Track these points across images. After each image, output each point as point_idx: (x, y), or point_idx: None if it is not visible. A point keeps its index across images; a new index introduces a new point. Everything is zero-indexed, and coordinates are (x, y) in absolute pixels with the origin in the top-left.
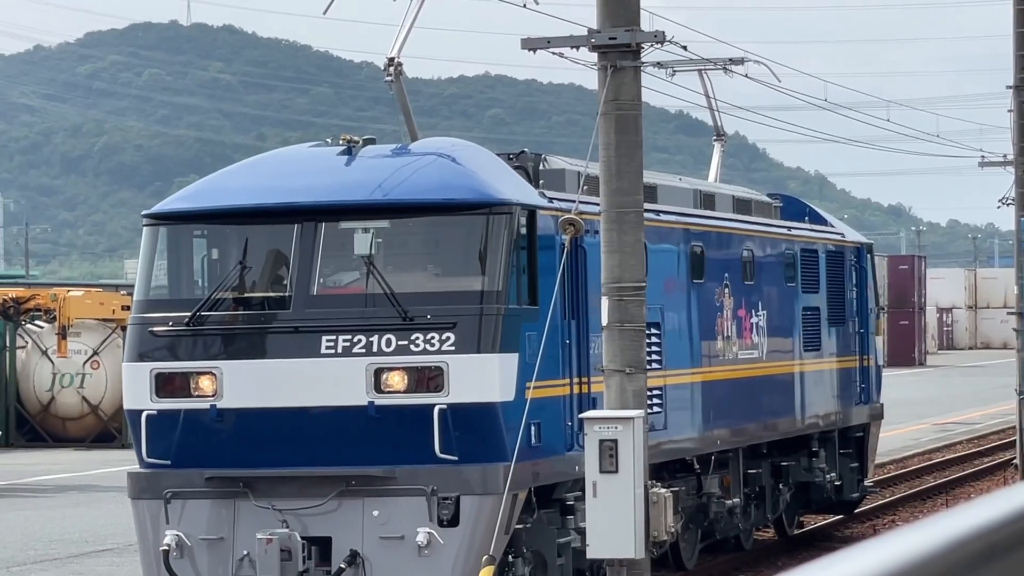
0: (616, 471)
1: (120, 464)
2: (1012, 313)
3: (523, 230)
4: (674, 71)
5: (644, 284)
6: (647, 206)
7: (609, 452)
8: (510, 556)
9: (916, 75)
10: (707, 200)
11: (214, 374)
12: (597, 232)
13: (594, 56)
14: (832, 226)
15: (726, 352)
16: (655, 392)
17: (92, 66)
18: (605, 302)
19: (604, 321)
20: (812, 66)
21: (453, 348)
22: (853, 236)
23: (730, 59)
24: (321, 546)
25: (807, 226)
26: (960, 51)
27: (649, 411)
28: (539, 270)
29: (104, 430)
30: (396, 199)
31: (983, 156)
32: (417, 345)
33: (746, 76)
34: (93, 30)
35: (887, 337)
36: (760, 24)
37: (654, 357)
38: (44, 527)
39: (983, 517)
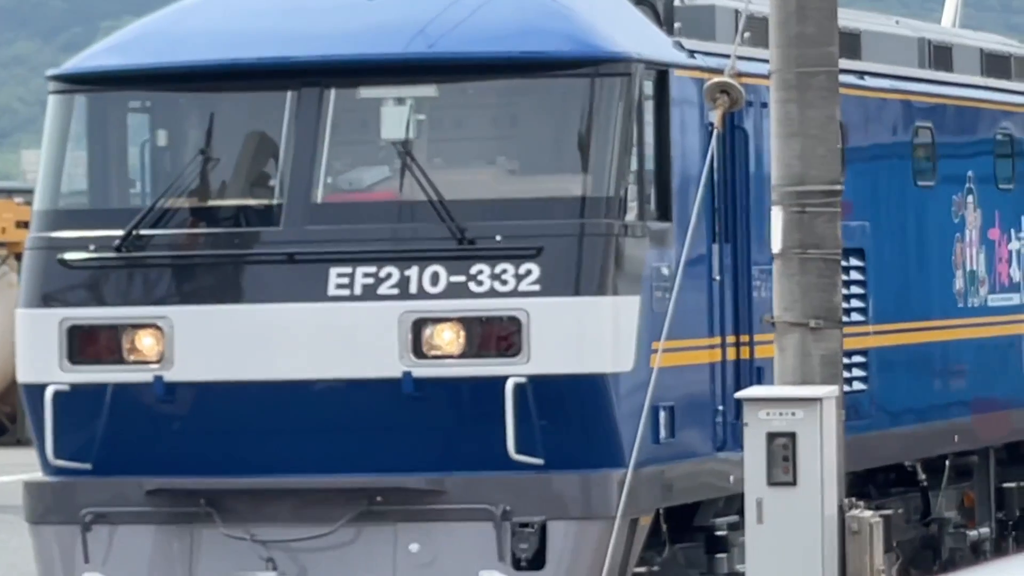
0: (794, 483)
1: (13, 470)
2: None
3: (649, 101)
4: None
5: (840, 187)
6: (845, 64)
7: (783, 453)
8: None
9: None
10: (941, 56)
11: (160, 328)
12: (765, 105)
13: None
14: None
15: (970, 297)
16: (857, 359)
17: None
18: (778, 215)
19: (776, 246)
20: None
21: (538, 288)
22: None
23: None
24: None
25: None
26: None
27: (848, 388)
28: (673, 165)
29: None
30: (447, 52)
31: None
32: (480, 283)
33: None
34: None
35: None
36: None
37: (856, 304)
38: None
39: None
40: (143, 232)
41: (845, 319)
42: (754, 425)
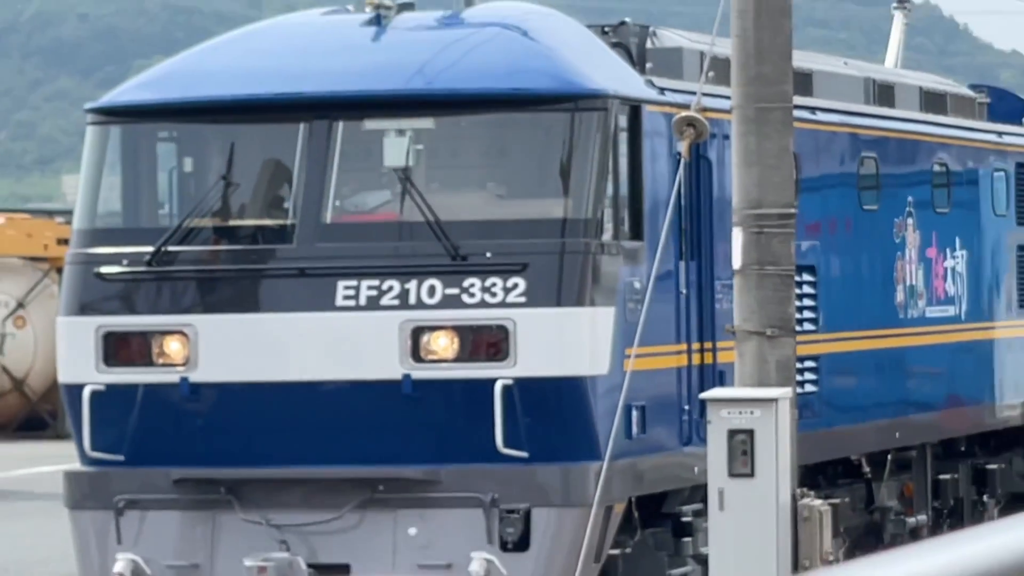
0: (752, 474)
1: (54, 461)
2: None
3: (623, 134)
4: None
5: (794, 211)
6: (799, 101)
7: (742, 448)
8: None
9: None
10: (884, 93)
11: (186, 334)
12: (727, 137)
13: None
14: None
15: (910, 309)
16: (808, 364)
17: None
18: (738, 235)
19: (736, 263)
20: None
21: (523, 299)
22: None
23: None
24: None
25: None
26: None
27: (800, 390)
28: (644, 191)
29: (32, 414)
30: (443, 88)
31: None
32: (472, 295)
33: None
34: None
35: None
36: None
37: (807, 315)
38: None
39: None
40: (171, 248)
41: (798, 328)
42: (716, 423)
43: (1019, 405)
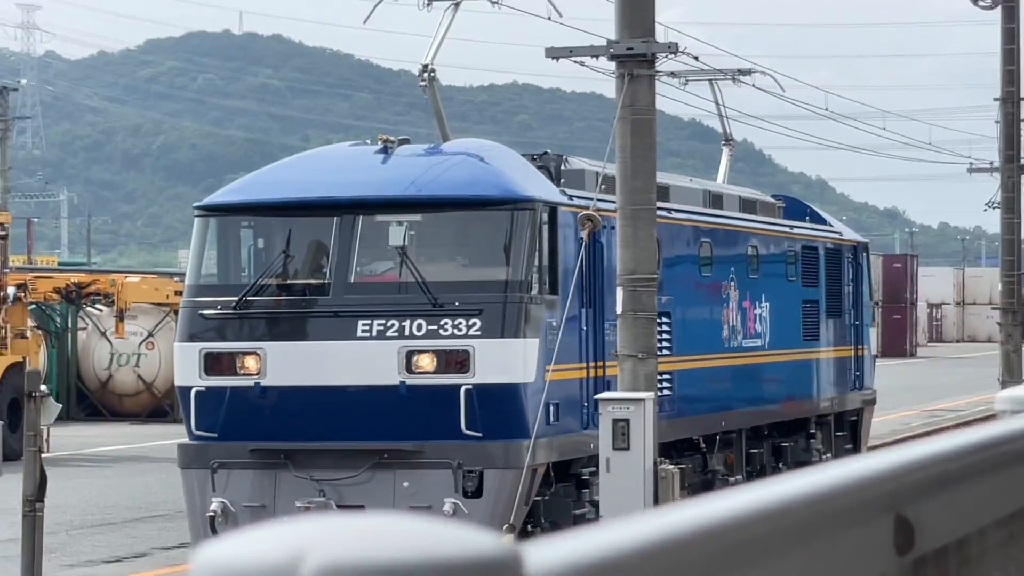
0: (628, 448)
1: (171, 437)
2: (996, 309)
3: (545, 225)
4: (687, 80)
5: (656, 276)
6: (660, 205)
7: (622, 431)
8: (529, 526)
9: (912, 88)
10: (715, 200)
11: (258, 354)
12: (613, 228)
13: (612, 65)
14: (831, 226)
15: (731, 340)
16: (665, 376)
17: (151, 71)
18: (620, 292)
19: (619, 310)
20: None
21: (479, 333)
22: (850, 235)
23: (739, 70)
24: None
25: (808, 225)
26: (953, 66)
27: (659, 393)
28: (559, 262)
29: (157, 406)
30: (428, 195)
31: (971, 163)
32: (446, 330)
33: (753, 86)
34: (152, 37)
35: (881, 329)
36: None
37: (664, 344)
38: (101, 494)
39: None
40: (248, 298)
41: (658, 353)
42: (605, 414)
43: (802, 403)
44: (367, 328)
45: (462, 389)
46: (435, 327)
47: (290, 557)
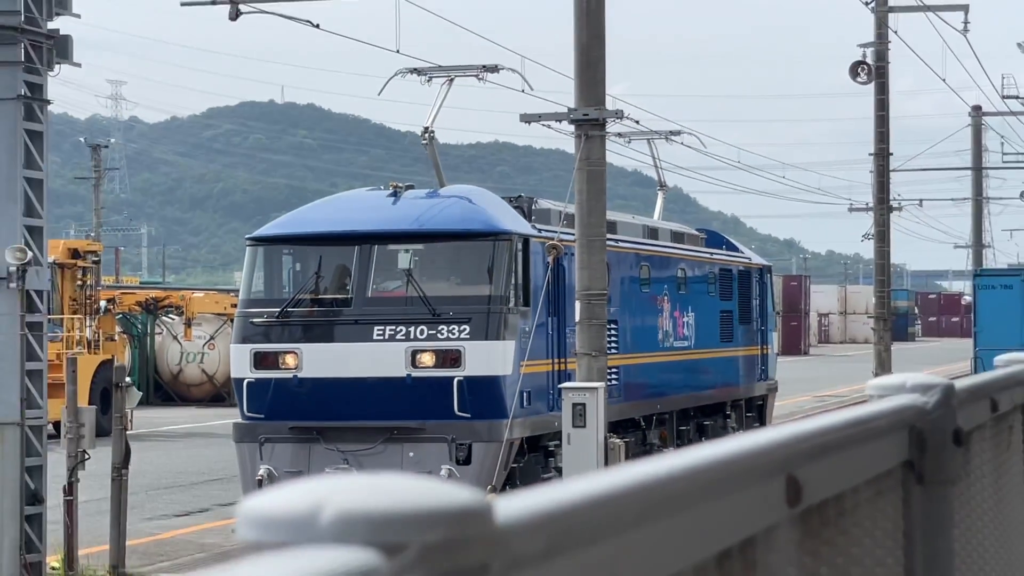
0: (584, 426)
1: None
2: (872, 317)
3: (520, 252)
4: (630, 139)
5: (606, 292)
6: (609, 236)
7: (579, 413)
8: (507, 487)
9: (807, 145)
10: (652, 232)
11: (296, 353)
12: (573, 254)
13: (572, 128)
14: (742, 252)
15: (665, 342)
16: (613, 370)
17: (212, 132)
18: (578, 305)
19: (577, 318)
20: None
21: (469, 336)
22: (757, 260)
23: (670, 131)
24: None
25: (724, 252)
26: (840, 127)
27: (609, 383)
28: (531, 281)
29: (217, 393)
30: (428, 229)
31: (851, 204)
32: (442, 334)
33: (682, 144)
34: (214, 106)
35: (781, 333)
36: (695, 106)
37: (613, 344)
38: (173, 463)
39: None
40: (288, 309)
41: (609, 351)
42: (567, 399)
43: (720, 390)
44: (381, 332)
45: (455, 380)
46: (434, 332)
47: (313, 505)
